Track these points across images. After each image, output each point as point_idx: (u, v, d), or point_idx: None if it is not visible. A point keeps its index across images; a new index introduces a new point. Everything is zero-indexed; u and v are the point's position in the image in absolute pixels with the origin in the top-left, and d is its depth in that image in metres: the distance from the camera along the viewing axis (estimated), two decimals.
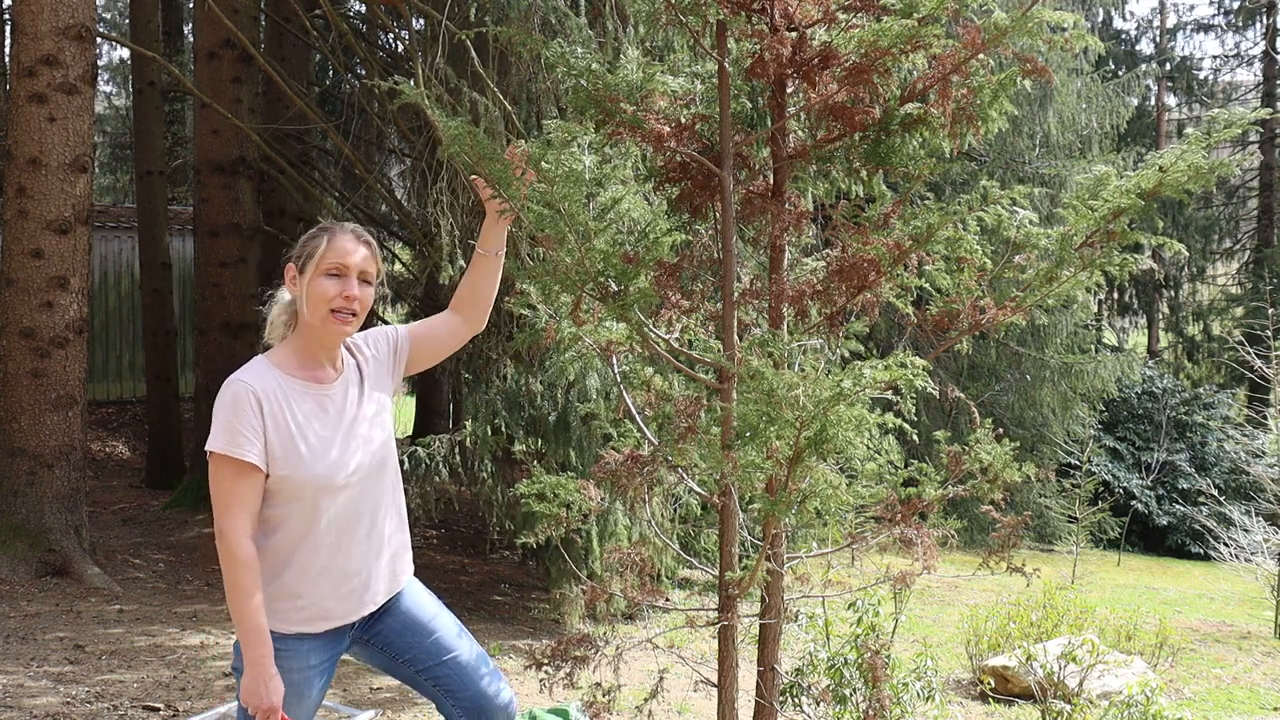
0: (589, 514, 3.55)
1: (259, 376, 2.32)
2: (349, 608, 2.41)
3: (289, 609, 2.36)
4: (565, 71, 3.30)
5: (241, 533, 2.26)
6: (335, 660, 2.48)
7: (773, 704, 3.38)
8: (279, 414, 2.29)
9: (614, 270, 3.12)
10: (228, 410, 2.26)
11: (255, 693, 2.25)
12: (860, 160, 3.35)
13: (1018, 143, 12.39)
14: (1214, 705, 6.39)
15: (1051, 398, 12.66)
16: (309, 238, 2.39)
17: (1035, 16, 2.99)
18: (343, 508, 2.35)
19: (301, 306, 2.36)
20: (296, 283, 2.36)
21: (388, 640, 2.50)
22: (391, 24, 8.94)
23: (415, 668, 2.50)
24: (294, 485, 2.29)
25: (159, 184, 11.54)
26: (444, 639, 2.52)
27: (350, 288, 2.34)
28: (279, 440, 2.28)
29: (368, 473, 2.39)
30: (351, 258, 2.35)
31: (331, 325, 2.34)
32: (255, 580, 2.26)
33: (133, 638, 5.65)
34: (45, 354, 6.66)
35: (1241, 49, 24.20)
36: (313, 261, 2.34)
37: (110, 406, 13.66)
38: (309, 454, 2.29)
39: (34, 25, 6.56)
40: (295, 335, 2.40)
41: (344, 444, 2.35)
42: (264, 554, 2.33)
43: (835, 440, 2.71)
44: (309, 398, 2.35)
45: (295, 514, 2.32)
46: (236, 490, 2.26)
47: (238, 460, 2.24)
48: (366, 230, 2.45)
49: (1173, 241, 3.22)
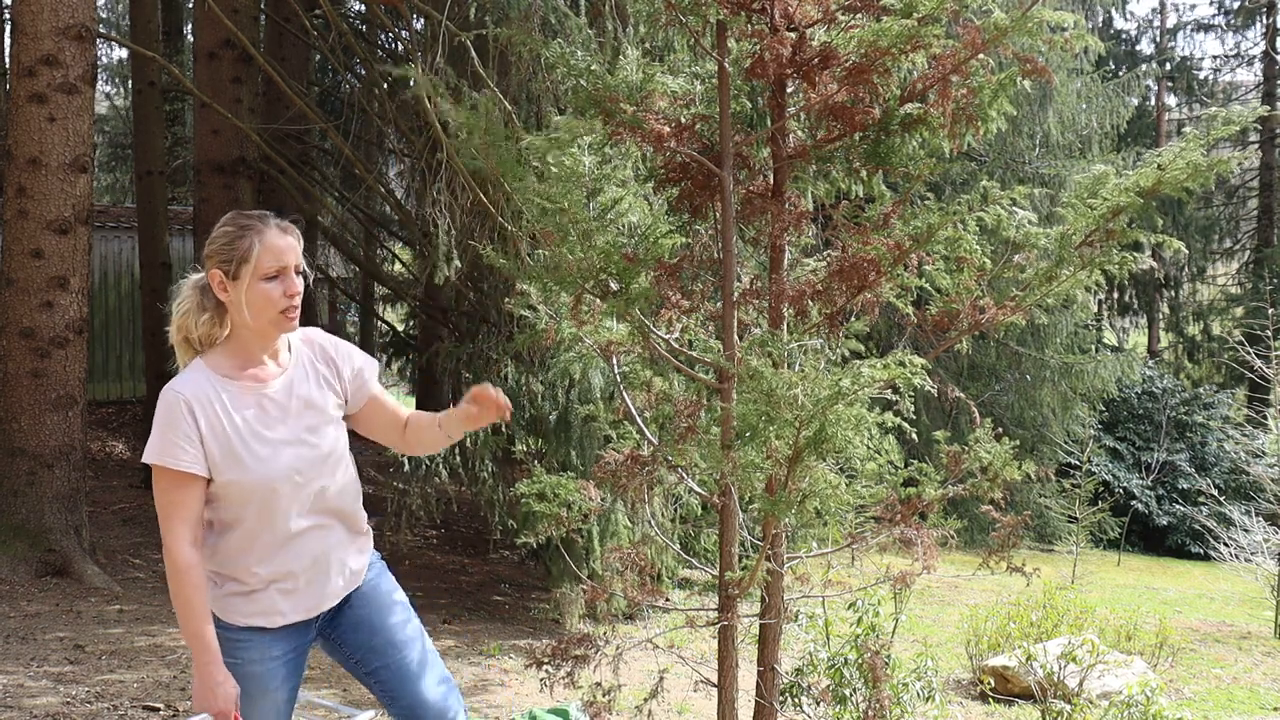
0: (589, 514, 3.55)
1: (192, 383, 2.28)
2: (303, 605, 2.39)
3: (242, 604, 2.35)
4: (565, 72, 3.31)
5: (181, 540, 2.24)
6: (302, 653, 2.46)
7: (773, 704, 3.38)
8: (214, 419, 2.26)
9: (614, 269, 3.13)
10: (161, 420, 2.25)
11: (204, 698, 2.24)
12: (860, 160, 3.35)
13: (1018, 143, 12.38)
14: (1214, 705, 6.39)
15: (1051, 398, 12.66)
16: (233, 236, 2.28)
17: (1035, 16, 2.99)
18: (290, 507, 2.32)
19: (241, 313, 2.29)
20: (228, 288, 2.28)
21: (342, 636, 2.49)
22: (391, 24, 8.94)
23: (363, 668, 2.48)
24: (239, 489, 2.28)
25: (159, 184, 11.54)
26: (393, 640, 2.48)
27: (292, 285, 2.29)
28: (218, 446, 2.25)
29: (316, 472, 2.35)
30: (287, 255, 2.29)
31: (284, 325, 2.31)
32: (196, 587, 2.24)
33: (133, 638, 5.66)
34: (45, 354, 6.66)
35: (1241, 49, 24.21)
36: (248, 266, 2.26)
37: (110, 406, 13.66)
38: (250, 457, 2.27)
39: (34, 25, 6.56)
40: (230, 338, 2.34)
41: (286, 444, 2.32)
42: (216, 553, 2.34)
43: (834, 439, 2.71)
44: (248, 398, 2.31)
45: (243, 516, 2.31)
46: (175, 499, 2.25)
47: (174, 470, 2.24)
48: (279, 217, 2.38)
49: (1172, 240, 3.22)
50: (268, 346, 2.36)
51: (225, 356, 2.34)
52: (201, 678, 2.24)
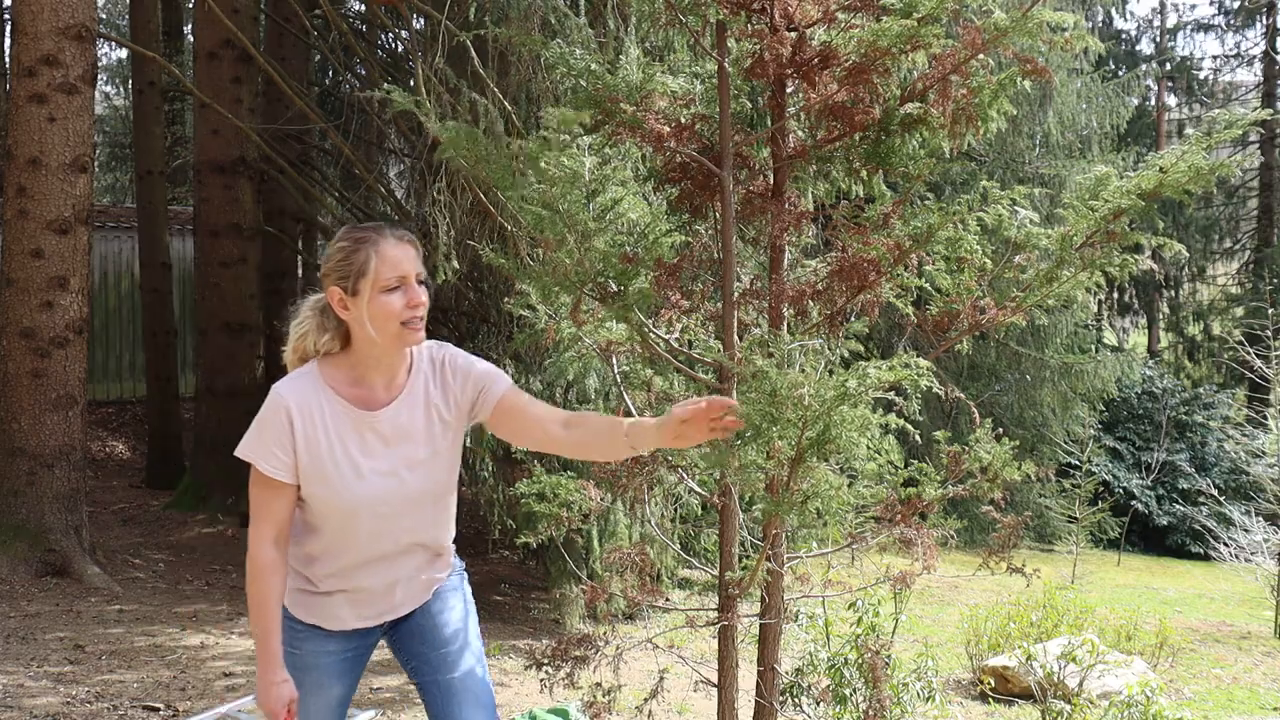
0: (589, 514, 3.55)
1: (300, 390, 2.24)
2: (368, 615, 2.40)
3: (308, 602, 2.37)
4: (565, 72, 3.31)
5: (262, 540, 2.25)
6: (364, 651, 2.47)
7: (773, 704, 3.38)
8: (312, 432, 2.23)
9: (614, 271, 3.13)
10: (261, 419, 2.23)
11: (263, 695, 2.28)
12: (860, 160, 3.35)
13: (1018, 143, 12.37)
14: (1214, 705, 6.39)
15: (1051, 398, 12.65)
16: (348, 251, 2.23)
17: (1035, 17, 2.99)
18: (371, 534, 2.30)
19: (364, 329, 2.22)
20: (349, 306, 2.22)
21: (402, 641, 2.49)
22: (391, 24, 8.94)
23: (415, 675, 2.49)
24: (321, 504, 2.27)
25: (159, 184, 11.54)
26: (447, 659, 2.45)
27: (414, 295, 2.22)
28: (309, 459, 2.23)
29: (404, 507, 2.30)
30: (405, 264, 2.22)
31: (408, 338, 2.23)
32: (270, 587, 2.24)
33: (133, 638, 5.65)
34: (45, 354, 6.66)
35: (1241, 49, 24.18)
36: (366, 280, 2.19)
37: (110, 406, 13.65)
38: (338, 479, 2.24)
39: (34, 25, 6.56)
40: (350, 352, 2.28)
41: (379, 475, 2.27)
42: (297, 548, 2.34)
43: (839, 440, 2.71)
44: (350, 421, 2.26)
45: (323, 528, 2.30)
46: (262, 498, 2.25)
47: (261, 472, 2.23)
48: (395, 226, 2.32)
49: (1172, 242, 3.22)
50: (388, 367, 2.29)
51: (341, 370, 2.28)
52: (261, 674, 2.27)
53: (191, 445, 10.52)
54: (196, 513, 9.44)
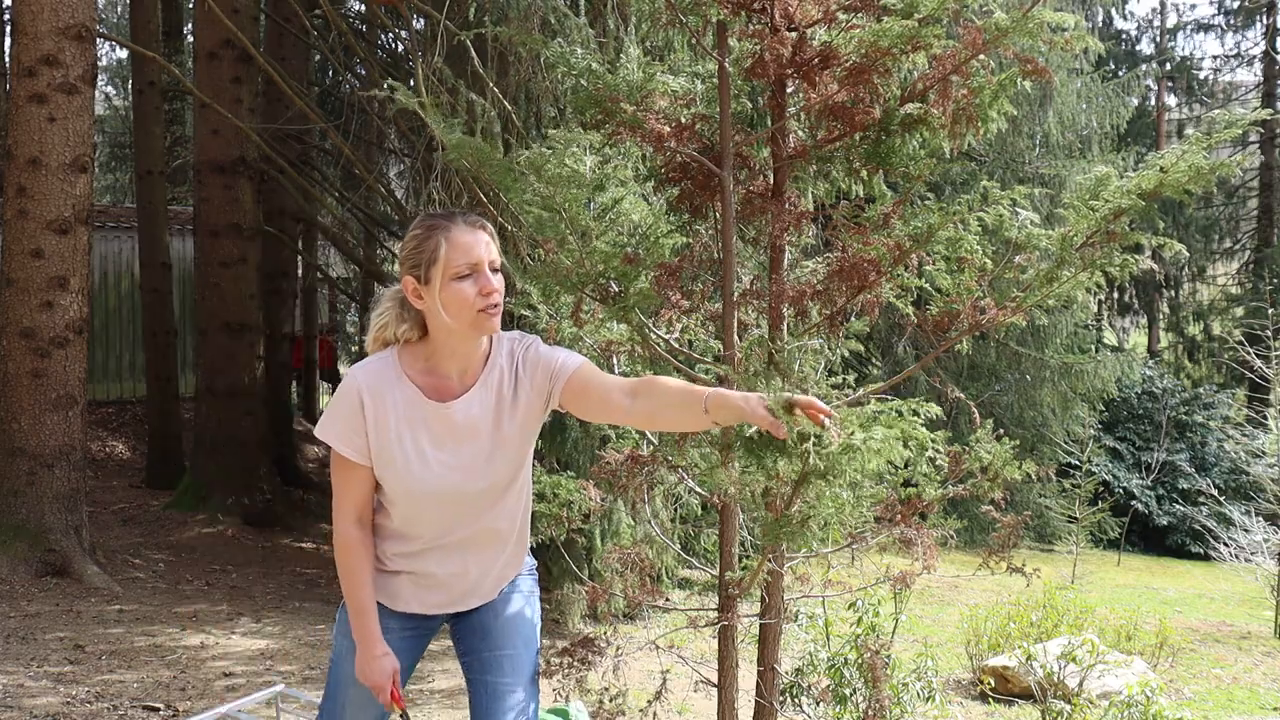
0: (590, 514, 3.55)
1: (374, 373, 2.24)
2: (432, 602, 2.40)
3: (376, 578, 2.37)
4: (565, 71, 3.30)
5: (345, 518, 2.28)
6: (425, 633, 2.48)
7: (773, 704, 3.38)
8: (383, 417, 2.22)
9: (614, 271, 3.13)
10: (336, 401, 2.25)
11: (363, 670, 2.29)
12: (860, 160, 3.35)
13: (1018, 143, 12.38)
14: (1214, 705, 6.39)
15: (1051, 398, 12.65)
16: (420, 239, 2.19)
17: (1035, 17, 2.99)
18: (438, 520, 2.30)
19: (439, 318, 2.19)
20: (422, 295, 2.18)
21: (461, 633, 2.49)
22: (391, 24, 8.94)
23: (467, 670, 2.48)
24: (389, 487, 2.28)
25: (159, 184, 11.54)
26: (499, 661, 2.43)
27: (488, 283, 2.16)
28: (378, 443, 2.23)
29: (469, 500, 2.28)
30: (478, 250, 2.17)
31: (484, 325, 2.19)
32: (358, 562, 2.27)
33: (133, 638, 5.65)
34: (45, 354, 6.66)
35: (1241, 49, 24.19)
36: (437, 268, 2.15)
37: (110, 406, 13.65)
38: (404, 467, 2.23)
39: (34, 25, 6.56)
40: (427, 341, 2.26)
41: (445, 467, 2.25)
42: (376, 525, 2.35)
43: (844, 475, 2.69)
44: (421, 410, 2.24)
45: (393, 509, 2.31)
46: (341, 478, 2.27)
47: (338, 453, 2.25)
48: (471, 213, 2.26)
49: (1173, 242, 3.22)
50: (463, 356, 2.25)
51: (418, 358, 2.27)
52: (361, 650, 2.29)
53: (191, 445, 10.52)
54: (196, 513, 9.44)
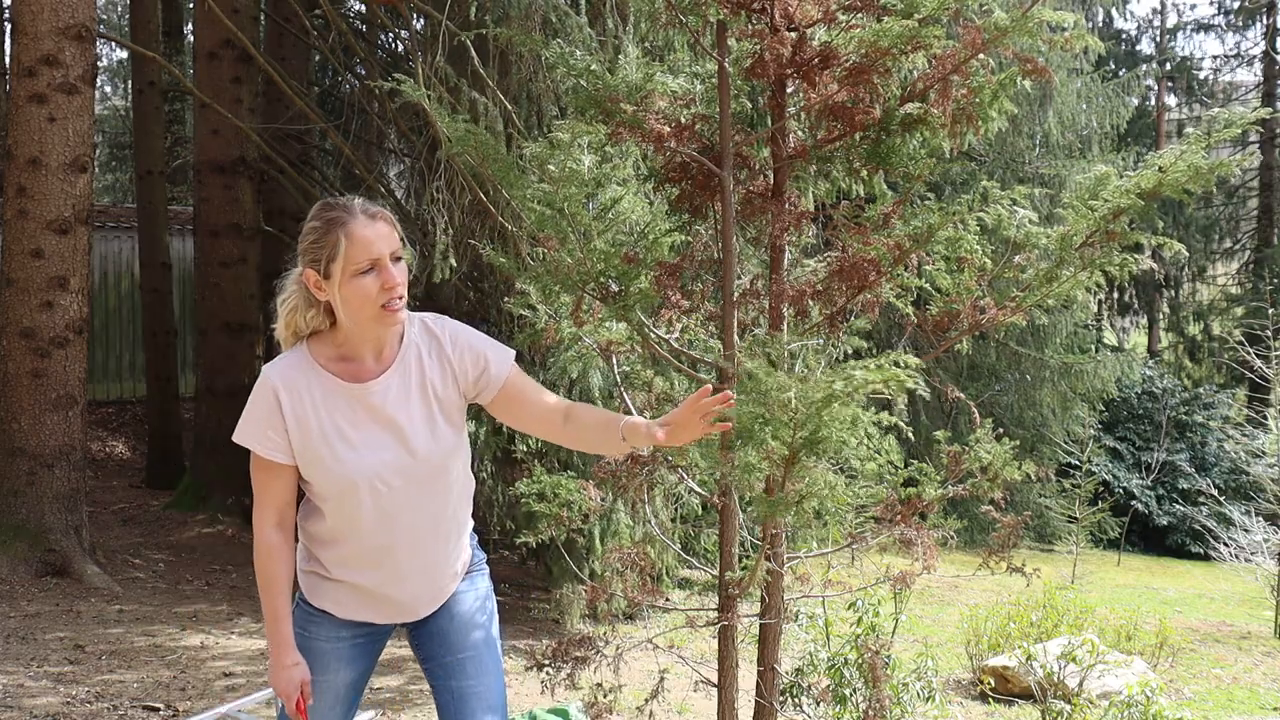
0: (590, 514, 3.55)
1: (289, 369, 2.20)
2: (380, 612, 2.35)
3: (318, 586, 2.33)
4: (565, 71, 3.31)
5: (265, 522, 2.23)
6: (376, 640, 2.42)
7: (773, 704, 3.38)
8: (302, 411, 2.18)
9: (614, 271, 3.13)
10: (251, 402, 2.20)
11: (273, 679, 2.27)
12: (860, 160, 3.35)
13: (1018, 143, 12.37)
14: (1214, 705, 6.39)
15: (1051, 398, 12.64)
16: (320, 233, 2.14)
17: (1035, 16, 2.99)
18: (373, 514, 2.22)
19: (340, 312, 2.17)
20: (323, 288, 2.15)
21: (419, 640, 2.45)
22: (391, 24, 8.94)
23: (431, 677, 2.45)
24: (320, 482, 2.22)
25: (159, 184, 11.54)
26: (464, 666, 2.40)
27: (390, 276, 2.12)
28: (300, 439, 2.18)
29: (404, 480, 2.22)
30: (378, 246, 2.12)
31: (387, 319, 2.16)
32: (276, 567, 2.22)
33: (133, 638, 5.65)
34: (45, 354, 6.66)
35: (1241, 49, 24.17)
36: (337, 264, 2.11)
37: (110, 406, 13.65)
38: (330, 457, 2.18)
39: (34, 25, 6.56)
40: (337, 329, 2.21)
41: (372, 449, 2.20)
42: (304, 530, 2.31)
43: (829, 440, 2.71)
44: (340, 395, 2.20)
45: (327, 509, 2.25)
46: (261, 481, 2.23)
47: (258, 455, 2.20)
48: (368, 201, 2.20)
49: (1172, 241, 3.22)
50: (375, 340, 2.22)
51: (330, 345, 2.23)
52: (273, 658, 2.25)
53: (191, 445, 10.52)
54: (196, 513, 9.44)
